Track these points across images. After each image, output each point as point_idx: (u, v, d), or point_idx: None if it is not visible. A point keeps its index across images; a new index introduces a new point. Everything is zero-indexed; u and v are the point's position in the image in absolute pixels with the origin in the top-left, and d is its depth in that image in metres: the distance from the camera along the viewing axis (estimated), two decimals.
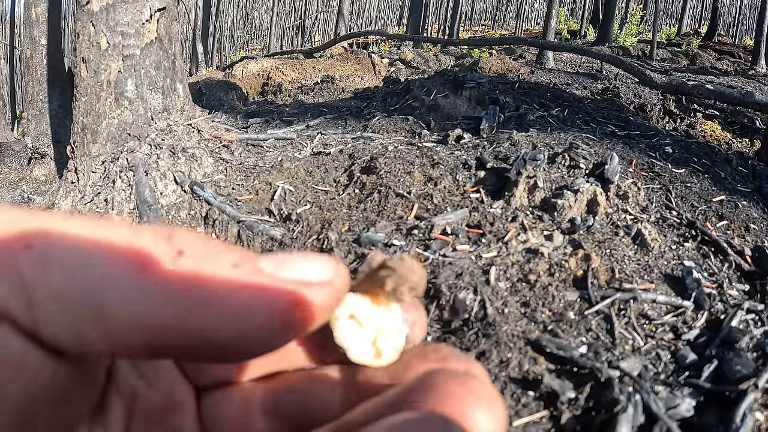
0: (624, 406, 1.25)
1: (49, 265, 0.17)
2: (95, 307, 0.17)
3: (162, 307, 0.17)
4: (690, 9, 20.41)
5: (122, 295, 0.17)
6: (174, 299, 0.17)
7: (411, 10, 13.98)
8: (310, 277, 0.20)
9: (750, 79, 7.13)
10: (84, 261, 0.17)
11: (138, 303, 0.17)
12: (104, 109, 2.83)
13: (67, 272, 0.17)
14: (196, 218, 2.52)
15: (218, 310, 0.18)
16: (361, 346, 0.23)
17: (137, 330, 0.17)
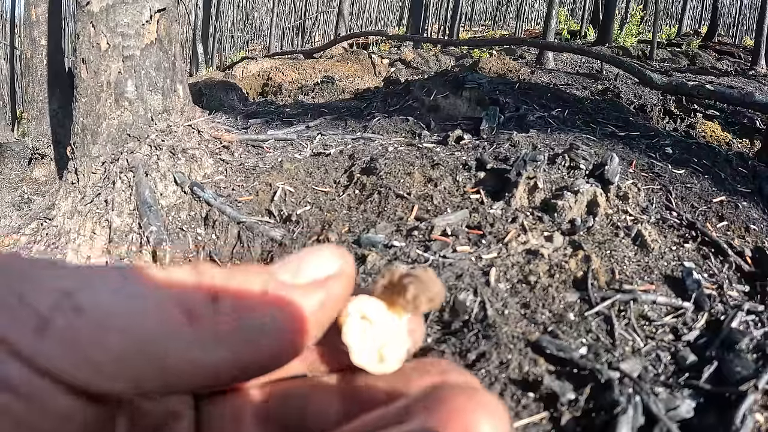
0: (624, 407, 1.25)
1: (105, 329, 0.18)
2: (156, 361, 0.19)
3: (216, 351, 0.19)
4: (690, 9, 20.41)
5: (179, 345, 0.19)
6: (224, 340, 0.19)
7: (411, 11, 13.98)
8: (325, 273, 0.22)
9: (750, 79, 7.12)
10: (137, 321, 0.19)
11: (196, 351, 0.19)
12: (104, 109, 2.83)
13: (124, 334, 0.18)
14: (196, 219, 2.52)
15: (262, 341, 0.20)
16: (366, 350, 0.24)
17: (197, 373, 0.19)
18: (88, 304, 0.18)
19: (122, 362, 0.18)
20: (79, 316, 0.18)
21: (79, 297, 0.18)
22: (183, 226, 2.50)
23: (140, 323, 0.18)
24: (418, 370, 0.24)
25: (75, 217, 2.65)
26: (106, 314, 0.18)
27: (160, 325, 0.19)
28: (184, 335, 0.19)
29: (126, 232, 2.48)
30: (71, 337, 0.18)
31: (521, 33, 18.75)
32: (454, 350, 1.49)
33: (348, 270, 0.23)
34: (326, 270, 0.22)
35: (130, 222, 2.52)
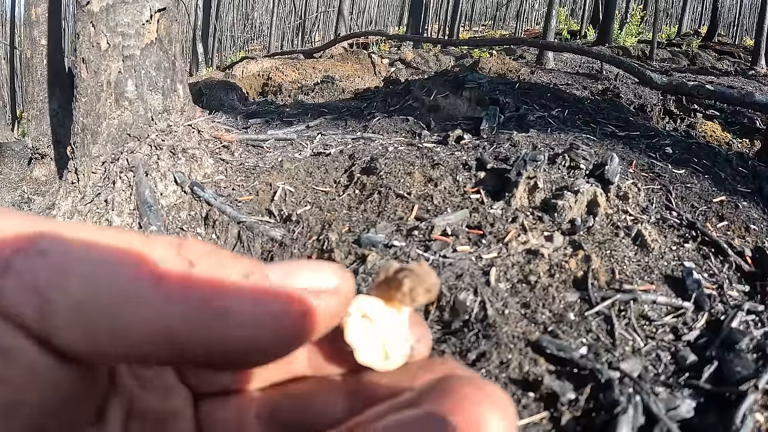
0: (624, 407, 1.25)
1: (67, 274, 0.17)
2: (114, 317, 0.17)
3: (178, 319, 0.18)
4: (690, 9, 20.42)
5: (141, 306, 0.17)
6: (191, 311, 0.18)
7: (411, 11, 13.98)
8: (318, 284, 0.21)
9: (750, 79, 7.12)
10: (102, 271, 0.17)
11: (156, 314, 0.17)
12: (104, 109, 2.83)
13: (86, 282, 0.17)
14: (196, 219, 2.52)
15: (232, 320, 0.18)
16: (370, 347, 0.23)
17: (155, 340, 0.18)
18: (53, 248, 0.17)
19: (78, 311, 0.17)
20: (41, 259, 0.17)
21: (45, 242, 0.17)
22: (183, 225, 2.50)
23: (103, 272, 0.17)
24: (424, 368, 0.24)
25: (75, 217, 2.65)
26: (70, 259, 0.17)
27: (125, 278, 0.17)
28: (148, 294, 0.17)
29: None
30: (31, 280, 0.17)
31: (521, 33, 18.75)
32: (455, 350, 1.49)
33: (344, 289, 0.21)
34: (321, 283, 0.21)
35: (130, 222, 2.52)
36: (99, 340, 0.17)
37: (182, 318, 0.18)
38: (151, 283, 0.18)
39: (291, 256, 2.18)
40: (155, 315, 0.17)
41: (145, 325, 0.17)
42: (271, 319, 0.19)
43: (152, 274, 0.18)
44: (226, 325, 0.18)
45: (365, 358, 0.23)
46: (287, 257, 2.18)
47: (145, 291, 0.17)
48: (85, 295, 0.17)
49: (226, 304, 0.18)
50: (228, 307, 0.18)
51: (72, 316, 0.17)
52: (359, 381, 0.24)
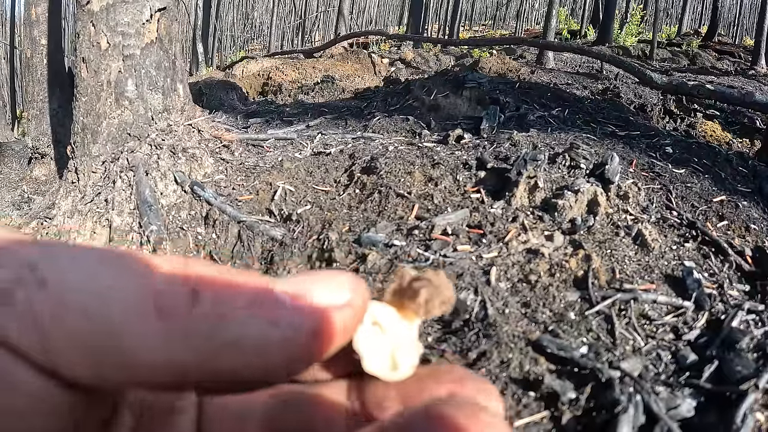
0: (625, 406, 1.25)
1: (66, 307, 0.17)
2: (116, 350, 0.17)
3: (184, 351, 0.17)
4: (690, 9, 20.41)
5: (144, 340, 0.17)
6: (195, 344, 0.18)
7: (411, 10, 13.98)
8: (330, 300, 0.20)
9: (750, 79, 7.12)
10: (102, 304, 0.17)
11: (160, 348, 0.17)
12: (104, 109, 2.83)
13: (86, 316, 0.17)
14: (197, 218, 2.52)
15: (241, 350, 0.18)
16: (378, 356, 0.23)
17: (160, 371, 0.18)
18: (52, 278, 0.17)
19: (81, 346, 0.17)
20: (41, 291, 0.17)
21: (44, 270, 0.17)
22: (183, 225, 2.50)
23: (103, 306, 0.17)
24: (432, 378, 0.23)
25: (75, 217, 2.65)
26: (69, 290, 0.17)
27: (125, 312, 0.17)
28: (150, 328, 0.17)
29: (126, 232, 2.48)
30: (31, 312, 0.16)
31: (521, 33, 18.74)
32: (455, 349, 1.49)
33: (357, 304, 0.21)
34: (333, 298, 0.20)
35: (130, 221, 2.52)
36: (102, 371, 0.17)
37: (188, 350, 0.17)
38: (153, 315, 0.17)
39: (291, 255, 2.18)
40: (159, 348, 0.17)
41: (148, 358, 0.17)
42: (281, 344, 0.18)
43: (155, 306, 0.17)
44: (234, 356, 0.18)
45: (373, 368, 0.23)
46: (287, 256, 2.18)
47: (147, 324, 0.17)
48: (85, 328, 0.17)
49: (234, 335, 0.18)
50: (236, 338, 0.18)
51: (73, 349, 0.17)
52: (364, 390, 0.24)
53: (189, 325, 0.17)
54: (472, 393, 0.22)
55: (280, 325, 0.18)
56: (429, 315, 0.23)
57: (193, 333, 0.17)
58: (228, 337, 0.18)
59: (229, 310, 0.18)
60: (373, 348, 0.23)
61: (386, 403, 0.23)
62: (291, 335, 0.19)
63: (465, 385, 0.22)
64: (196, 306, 0.18)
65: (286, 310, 0.19)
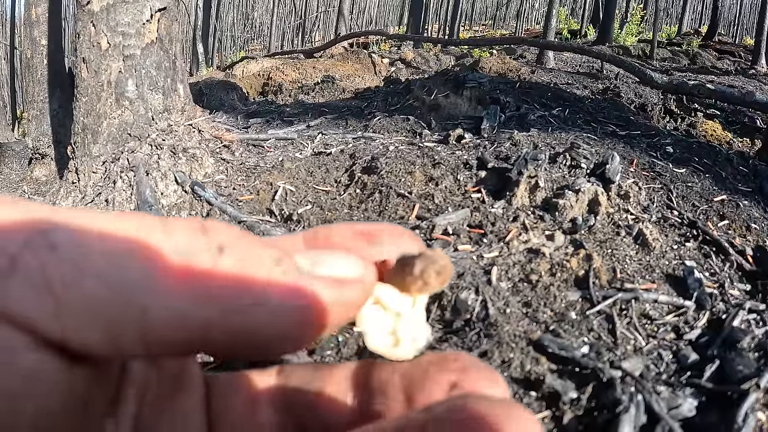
0: (626, 406, 1.25)
1: (81, 270, 0.16)
2: (135, 312, 0.16)
3: (207, 307, 0.17)
4: (690, 9, 20.41)
5: (165, 297, 0.16)
6: (219, 300, 0.17)
7: (411, 10, 13.98)
8: (344, 273, 0.20)
9: (750, 78, 7.12)
10: (119, 264, 0.16)
11: (183, 305, 0.17)
12: (105, 109, 2.83)
13: (101, 278, 0.16)
14: None
15: (263, 309, 0.18)
16: (381, 334, 0.23)
17: (180, 331, 0.17)
18: (65, 241, 0.16)
19: (97, 309, 0.16)
20: (53, 254, 0.15)
21: (55, 234, 0.16)
22: None
23: (121, 267, 0.16)
24: (437, 365, 0.22)
25: None
26: (84, 254, 0.16)
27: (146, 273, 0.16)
28: (173, 284, 0.16)
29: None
30: (41, 278, 0.15)
31: (521, 32, 18.74)
32: (456, 349, 1.49)
33: (369, 278, 0.21)
34: (347, 272, 0.20)
35: None
36: (120, 339, 0.16)
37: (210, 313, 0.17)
38: (177, 278, 0.16)
39: None
40: (182, 311, 0.17)
41: (171, 322, 0.16)
42: (299, 310, 0.18)
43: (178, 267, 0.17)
44: (254, 319, 0.18)
45: (375, 344, 0.23)
46: None
47: (170, 287, 0.16)
48: (103, 293, 0.16)
49: (256, 298, 0.18)
50: (257, 301, 0.18)
51: (90, 317, 0.16)
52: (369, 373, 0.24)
53: (213, 279, 0.17)
54: (478, 382, 0.22)
55: (300, 292, 0.18)
56: (428, 287, 0.23)
57: (218, 287, 0.17)
58: (253, 295, 0.17)
59: (255, 268, 0.18)
60: (375, 326, 0.23)
61: (389, 388, 0.23)
62: (308, 303, 0.19)
63: (470, 373, 0.22)
64: (222, 258, 0.17)
65: (307, 276, 0.19)
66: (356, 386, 0.24)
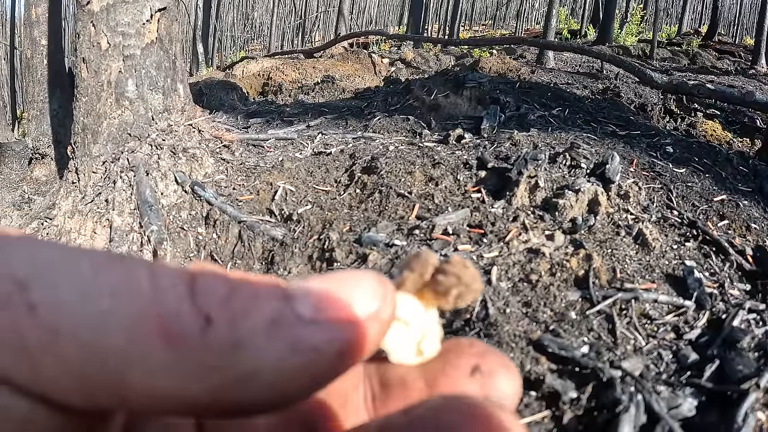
0: (626, 406, 1.25)
1: (58, 334, 0.15)
2: (114, 380, 0.15)
3: (194, 384, 0.16)
4: (690, 9, 20.40)
5: (147, 370, 0.15)
6: (208, 376, 0.16)
7: (411, 10, 13.98)
8: (356, 313, 0.18)
9: (750, 78, 7.12)
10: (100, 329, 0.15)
11: (166, 379, 0.15)
12: (105, 109, 2.83)
13: (80, 343, 0.15)
14: (197, 218, 2.52)
15: (257, 383, 0.16)
16: (404, 348, 0.22)
17: (163, 402, 0.16)
18: (43, 301, 0.15)
19: (76, 376, 0.15)
20: (31, 317, 0.15)
21: (34, 291, 0.15)
22: (184, 225, 2.50)
23: (102, 333, 0.15)
24: (455, 351, 0.22)
25: (76, 217, 2.65)
26: (62, 316, 0.15)
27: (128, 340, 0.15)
28: (155, 358, 0.15)
29: (127, 232, 2.48)
30: (19, 341, 0.15)
31: (521, 32, 18.74)
32: None
33: (386, 314, 0.18)
34: (360, 308, 0.18)
35: (130, 221, 2.52)
36: (98, 399, 0.16)
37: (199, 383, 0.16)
38: (159, 343, 0.15)
39: (292, 255, 2.17)
40: (165, 381, 0.15)
41: (152, 389, 0.15)
42: (302, 369, 0.16)
43: (161, 333, 0.15)
44: (249, 389, 0.16)
45: (400, 358, 0.22)
46: (288, 256, 2.18)
47: (152, 354, 0.15)
48: (81, 357, 0.15)
49: (251, 365, 0.16)
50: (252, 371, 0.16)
51: (67, 378, 0.15)
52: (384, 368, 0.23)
53: (201, 355, 0.15)
54: (495, 366, 0.22)
55: (302, 349, 0.16)
56: (451, 306, 0.22)
57: (205, 364, 0.15)
58: (245, 369, 0.16)
59: (247, 335, 0.16)
60: (398, 343, 0.22)
61: (409, 381, 0.22)
62: (314, 358, 0.17)
63: (488, 357, 0.22)
64: (210, 331, 0.16)
65: (309, 328, 0.17)
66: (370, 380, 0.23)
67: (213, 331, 0.16)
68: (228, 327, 0.16)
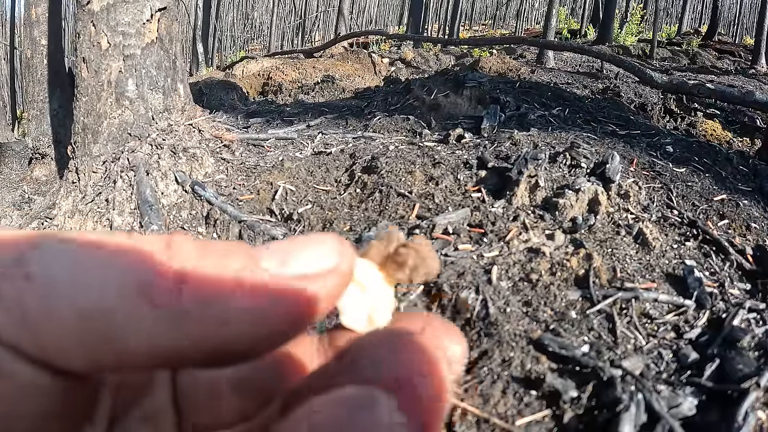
0: (626, 405, 1.25)
1: (55, 299, 0.17)
2: (109, 339, 0.17)
3: (177, 336, 0.18)
4: (690, 8, 20.40)
5: (137, 326, 0.17)
6: (188, 323, 0.18)
7: (411, 10, 13.98)
8: (316, 267, 0.20)
9: (750, 78, 7.12)
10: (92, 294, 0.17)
11: (154, 332, 0.17)
12: (105, 109, 2.83)
13: (76, 307, 0.17)
14: (197, 218, 2.52)
15: (233, 327, 0.18)
16: (357, 313, 0.23)
17: (154, 354, 0.18)
18: (39, 271, 0.17)
19: (74, 338, 0.17)
20: (28, 285, 0.17)
21: (31, 263, 0.17)
22: (184, 225, 2.50)
23: (93, 297, 0.17)
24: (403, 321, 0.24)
25: (76, 217, 2.65)
26: (57, 284, 0.17)
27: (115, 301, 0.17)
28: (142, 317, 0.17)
29: (127, 232, 2.48)
30: (20, 308, 0.17)
31: (521, 32, 18.74)
32: None
33: (345, 267, 0.21)
34: (320, 264, 0.20)
35: (131, 221, 2.52)
36: (96, 359, 0.17)
37: (180, 335, 0.18)
38: (145, 302, 0.17)
39: None
40: (153, 335, 0.17)
41: (143, 343, 0.17)
42: (271, 318, 0.19)
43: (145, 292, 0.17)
44: (226, 333, 0.18)
45: (350, 322, 0.23)
46: None
47: (139, 313, 0.17)
48: (76, 320, 0.17)
49: (225, 314, 0.18)
50: (227, 316, 0.18)
51: (66, 341, 0.17)
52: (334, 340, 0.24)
53: (178, 311, 0.17)
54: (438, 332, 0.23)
55: (270, 300, 0.18)
56: (411, 282, 0.24)
57: (183, 318, 0.17)
58: (217, 318, 0.18)
59: (220, 287, 0.18)
60: (352, 305, 0.23)
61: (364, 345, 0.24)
62: (280, 310, 0.19)
63: (432, 324, 0.23)
64: (184, 290, 0.18)
65: (275, 281, 0.19)
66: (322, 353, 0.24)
67: (187, 289, 0.18)
68: (199, 285, 0.18)
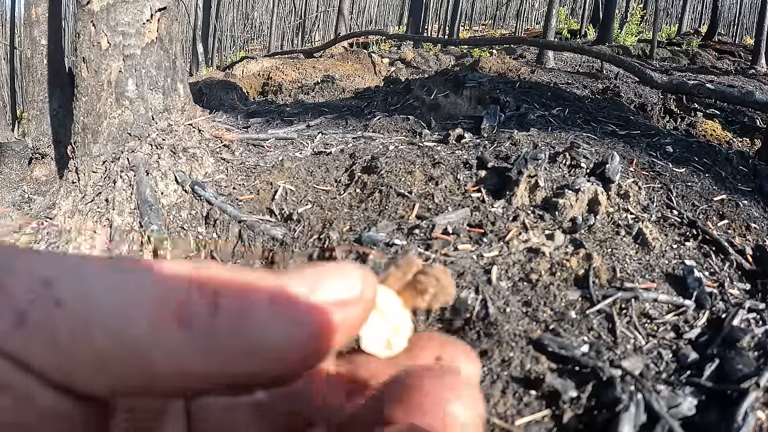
0: (626, 405, 1.25)
1: (87, 325, 0.17)
2: (139, 365, 0.17)
3: (207, 360, 0.18)
4: (690, 8, 20.40)
5: (168, 352, 0.17)
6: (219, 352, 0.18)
7: (411, 10, 13.98)
8: (343, 295, 0.20)
9: (750, 78, 7.12)
10: (125, 320, 0.17)
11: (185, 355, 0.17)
12: (105, 108, 2.83)
13: (109, 333, 0.17)
14: (197, 218, 2.52)
15: (262, 355, 0.18)
16: (376, 338, 0.24)
17: (182, 381, 0.18)
18: (69, 296, 0.17)
19: (103, 363, 0.17)
20: (59, 310, 0.17)
21: (60, 288, 0.17)
22: (184, 225, 2.50)
23: (126, 322, 0.17)
24: (418, 346, 0.25)
25: (76, 217, 2.65)
26: (89, 309, 0.17)
27: (149, 325, 0.17)
28: (174, 340, 0.17)
29: (127, 231, 2.48)
30: (48, 334, 0.16)
31: (521, 32, 18.74)
32: None
33: (369, 295, 0.21)
34: (346, 291, 0.20)
35: (131, 221, 2.52)
36: (123, 384, 0.17)
37: (211, 359, 0.18)
38: (175, 327, 0.17)
39: (292, 255, 2.18)
40: (183, 360, 0.17)
41: (172, 369, 0.17)
42: (300, 345, 0.19)
43: (176, 317, 0.18)
44: (255, 362, 0.18)
45: (370, 347, 0.24)
46: (288, 256, 2.18)
47: (170, 337, 0.17)
48: (108, 346, 0.17)
49: (255, 342, 0.18)
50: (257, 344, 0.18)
51: (95, 367, 0.17)
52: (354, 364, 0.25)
53: (211, 334, 0.18)
54: (454, 355, 0.24)
55: (302, 324, 0.19)
56: (430, 309, 0.25)
57: (215, 342, 0.18)
58: (251, 343, 0.18)
59: (250, 315, 0.18)
60: (372, 330, 0.24)
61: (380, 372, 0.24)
62: (309, 336, 0.19)
63: (447, 348, 0.24)
64: (218, 313, 0.18)
65: (305, 308, 0.19)
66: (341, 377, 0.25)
67: (221, 311, 0.18)
68: (233, 307, 0.18)
